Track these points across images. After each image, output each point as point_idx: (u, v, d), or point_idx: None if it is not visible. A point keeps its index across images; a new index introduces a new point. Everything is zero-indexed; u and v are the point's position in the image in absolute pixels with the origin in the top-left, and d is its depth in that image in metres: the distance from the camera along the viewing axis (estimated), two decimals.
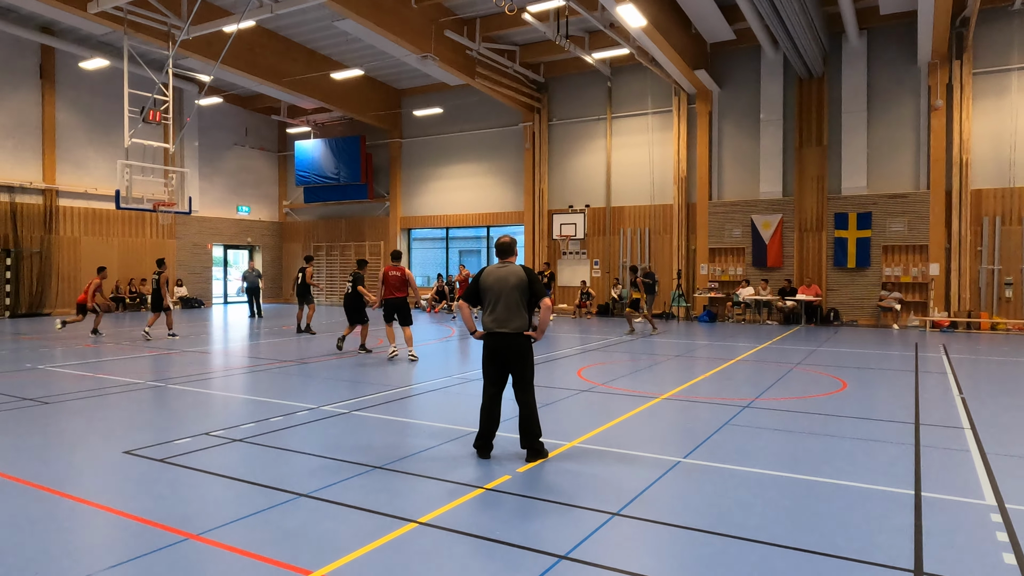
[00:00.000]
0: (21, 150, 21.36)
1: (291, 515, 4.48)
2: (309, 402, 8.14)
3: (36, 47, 21.49)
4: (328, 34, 21.14)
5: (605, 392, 8.93)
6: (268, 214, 30.13)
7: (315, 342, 14.74)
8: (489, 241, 26.32)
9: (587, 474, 5.43)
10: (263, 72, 21.42)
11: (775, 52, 19.52)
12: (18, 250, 21.11)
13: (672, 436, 6.83)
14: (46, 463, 5.70)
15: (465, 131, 25.66)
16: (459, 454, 5.99)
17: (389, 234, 27.61)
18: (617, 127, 22.70)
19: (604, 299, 22.89)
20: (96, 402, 8.33)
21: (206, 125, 26.77)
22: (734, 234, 20.80)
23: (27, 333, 16.41)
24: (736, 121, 20.80)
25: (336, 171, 27.54)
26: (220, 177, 27.81)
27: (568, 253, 23.65)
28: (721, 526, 4.32)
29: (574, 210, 23.21)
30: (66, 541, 4.15)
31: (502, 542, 4.05)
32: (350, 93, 24.65)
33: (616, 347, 14.02)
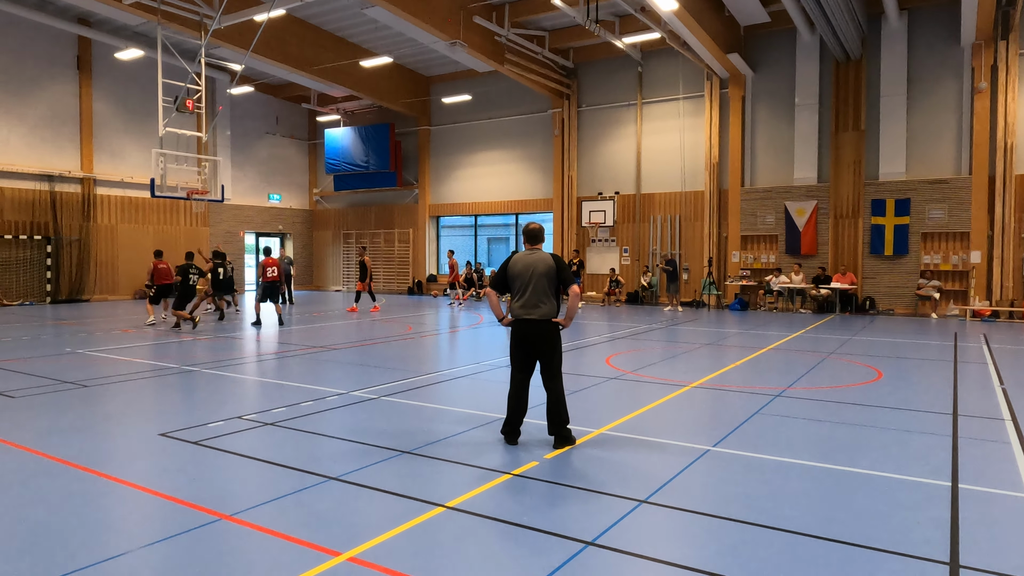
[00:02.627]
0: (60, 140, 21.85)
1: (321, 497, 4.54)
2: (339, 387, 8.23)
3: (73, 38, 21.91)
4: (357, 21, 21.18)
5: (634, 380, 8.88)
6: (299, 202, 30.45)
7: (344, 328, 14.88)
8: (518, 229, 26.26)
9: (615, 461, 5.40)
10: (293, 61, 21.57)
11: (811, 34, 19.06)
12: (58, 238, 21.66)
13: (701, 424, 6.76)
14: (85, 444, 5.85)
15: (494, 118, 25.57)
16: (487, 440, 6.01)
17: (418, 221, 27.72)
18: (647, 113, 22.42)
19: (633, 287, 22.73)
20: (133, 385, 8.53)
21: (238, 114, 27.08)
22: (767, 221, 20.46)
23: (67, 318, 16.85)
24: (770, 106, 20.40)
25: (365, 159, 27.68)
26: (252, 165, 28.15)
27: (597, 240, 23.50)
28: (750, 515, 4.26)
29: (603, 197, 23.04)
30: (104, 519, 4.26)
31: (529, 527, 4.05)
32: (379, 81, 24.71)
33: (645, 335, 13.92)
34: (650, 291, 22.27)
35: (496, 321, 16.45)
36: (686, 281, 21.74)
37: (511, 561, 3.67)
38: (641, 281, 22.43)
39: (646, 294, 22.30)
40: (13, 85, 20.64)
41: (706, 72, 20.84)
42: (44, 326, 15.15)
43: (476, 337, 13.97)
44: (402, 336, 13.63)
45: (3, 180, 20.51)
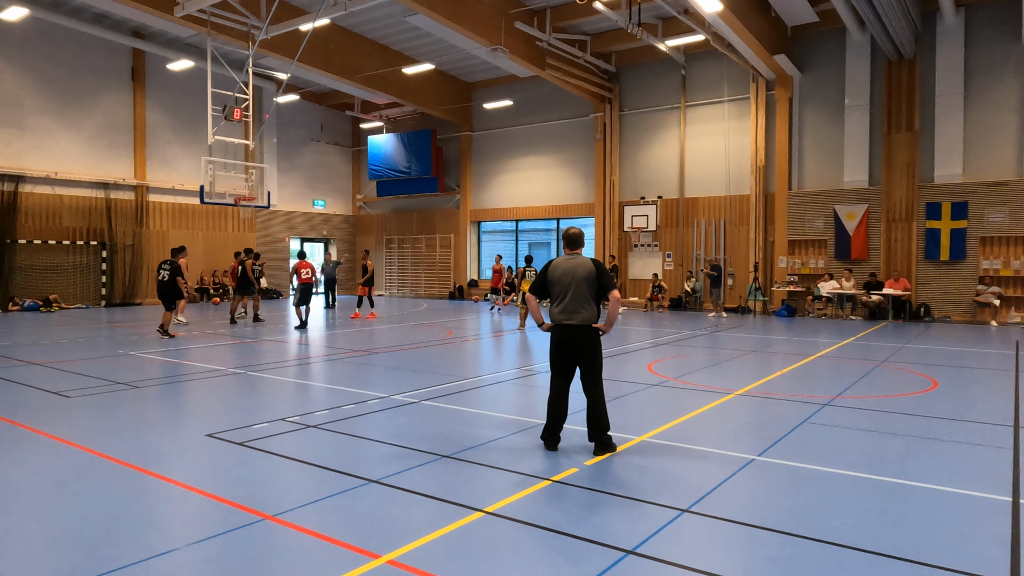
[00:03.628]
0: (115, 148, 22.65)
1: (361, 500, 4.57)
2: (380, 391, 8.30)
3: (128, 51, 22.71)
4: (400, 29, 21.45)
5: (676, 387, 8.74)
6: (342, 207, 30.95)
7: (385, 332, 15.03)
8: (559, 233, 26.18)
9: (656, 469, 5.31)
10: (338, 69, 21.95)
11: (862, 34, 18.57)
12: (112, 243, 22.43)
13: (746, 433, 6.61)
14: (136, 443, 6.02)
15: (535, 123, 25.59)
16: (526, 445, 5.98)
17: (459, 227, 27.88)
18: (691, 116, 22.14)
19: (677, 292, 22.44)
20: (181, 387, 8.76)
21: (284, 122, 27.68)
22: (815, 225, 19.97)
23: (120, 321, 17.41)
24: (818, 107, 19.92)
25: (408, 165, 27.99)
26: (297, 172, 28.73)
27: (639, 245, 23.27)
28: (797, 527, 4.14)
29: (646, 201, 22.82)
30: (153, 517, 4.37)
31: (568, 534, 4.01)
32: (421, 87, 24.97)
33: (689, 341, 13.71)
34: (694, 297, 21.95)
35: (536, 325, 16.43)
36: (731, 287, 21.36)
37: (550, 568, 3.63)
38: (684, 286, 22.12)
39: (689, 300, 21.99)
40: (71, 96, 21.48)
41: (752, 74, 20.49)
42: (98, 329, 15.68)
43: (516, 342, 13.95)
44: (442, 341, 13.70)
45: (62, 188, 21.35)
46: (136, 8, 17.06)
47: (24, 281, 20.45)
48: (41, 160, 20.85)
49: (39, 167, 20.75)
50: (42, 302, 20.55)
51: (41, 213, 20.88)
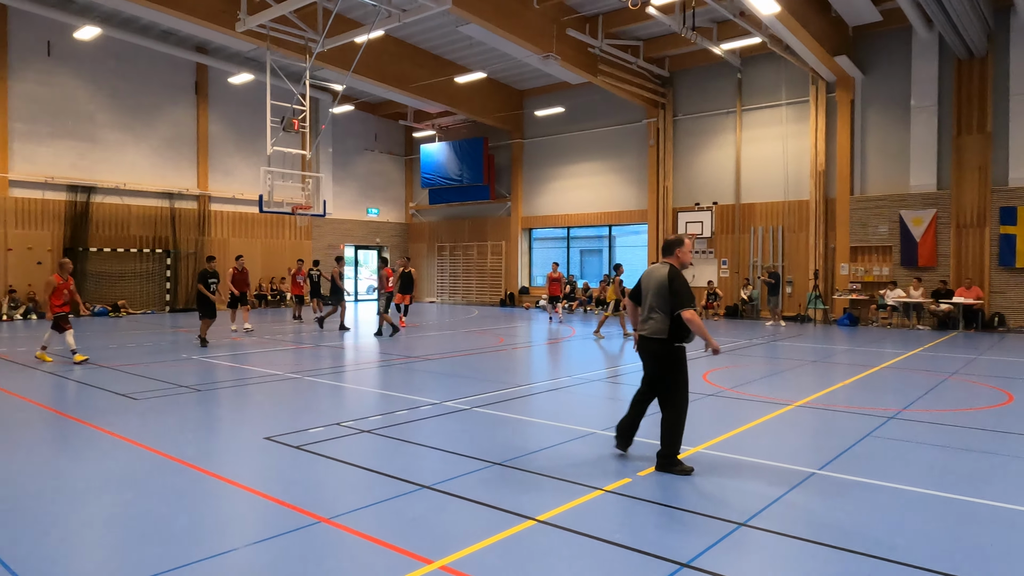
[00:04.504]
0: (179, 160, 23.55)
1: (414, 505, 4.60)
2: (432, 397, 8.36)
3: (192, 66, 23.60)
4: (452, 39, 21.69)
5: (733, 397, 8.54)
6: (395, 215, 31.41)
7: (440, 340, 15.14)
8: (611, 240, 25.98)
9: (712, 481, 5.19)
10: (391, 79, 22.33)
11: (928, 32, 17.88)
12: (176, 251, 23.29)
13: (806, 446, 6.40)
14: (198, 445, 6.21)
15: (587, 129, 25.49)
16: (578, 454, 5.92)
17: (510, 234, 27.96)
18: (748, 120, 21.69)
19: (732, 300, 21.97)
20: (241, 391, 9.00)
21: (339, 132, 28.30)
22: (879, 231, 19.27)
23: (183, 326, 18.03)
24: (882, 109, 19.26)
25: (459, 173, 28.24)
26: (352, 181, 29.31)
27: (694, 252, 22.86)
28: (857, 543, 3.98)
29: (700, 207, 22.44)
30: (214, 516, 4.49)
31: (621, 545, 3.94)
32: (473, 96, 25.19)
33: (746, 350, 13.39)
34: (750, 305, 21.46)
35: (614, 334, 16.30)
36: (789, 294, 20.79)
37: None
38: (741, 294, 21.64)
39: (746, 308, 21.50)
40: (140, 111, 22.44)
41: (811, 76, 19.96)
42: (163, 333, 16.26)
43: (568, 350, 13.88)
44: (494, 348, 13.73)
45: (130, 198, 22.29)
46: (200, 24, 17.73)
47: (95, 287, 21.40)
48: (111, 172, 21.82)
49: (109, 178, 21.72)
50: (111, 307, 21.47)
51: (111, 222, 21.84)
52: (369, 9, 17.98)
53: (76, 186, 20.95)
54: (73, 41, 20.48)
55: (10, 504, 4.63)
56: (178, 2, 16.75)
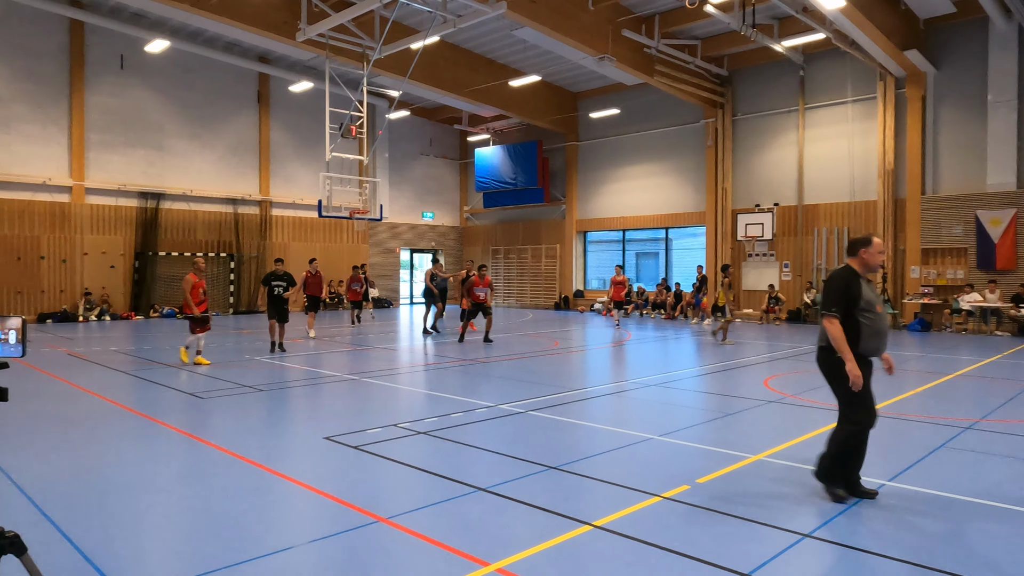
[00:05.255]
0: (242, 167, 24.33)
1: (470, 507, 4.59)
2: (487, 400, 8.35)
3: (255, 75, 24.36)
4: (507, 43, 21.77)
5: (795, 404, 8.26)
6: (450, 219, 31.69)
7: (494, 343, 15.16)
8: (668, 243, 25.57)
9: (774, 490, 5.02)
10: (446, 84, 22.56)
11: (1007, 23, 16.99)
12: (239, 255, 24.04)
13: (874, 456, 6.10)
14: (261, 443, 6.35)
15: (643, 131, 25.19)
16: (635, 460, 5.82)
17: (565, 237, 27.85)
18: (811, 119, 21.05)
19: (795, 304, 21.32)
20: (301, 391, 9.19)
21: (395, 137, 28.74)
22: (954, 232, 18.39)
23: (246, 328, 18.57)
24: (956, 105, 18.40)
25: (514, 176, 28.30)
26: (407, 185, 29.72)
27: (754, 255, 22.33)
28: (933, 560, 3.77)
29: (761, 209, 21.87)
30: (276, 514, 4.58)
31: (681, 553, 3.84)
32: (527, 99, 25.21)
33: (809, 355, 12.95)
34: (814, 309, 20.77)
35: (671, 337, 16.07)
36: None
37: None
38: (804, 298, 20.98)
39: (809, 312, 20.83)
40: (206, 120, 23.28)
41: (879, 72, 19.23)
42: (227, 335, 16.78)
43: (624, 354, 13.70)
44: (548, 351, 13.67)
45: (196, 204, 23.13)
46: (262, 35, 18.31)
47: (163, 290, 22.28)
48: (179, 179, 22.68)
49: (177, 185, 22.59)
50: (178, 309, 22.27)
51: (178, 227, 22.70)
52: (425, 16, 18.20)
53: (146, 193, 21.86)
54: (144, 55, 21.41)
55: (87, 497, 4.82)
56: (242, 14, 17.34)
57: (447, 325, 18.44)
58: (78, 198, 20.61)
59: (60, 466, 5.56)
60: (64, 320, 19.89)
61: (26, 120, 19.70)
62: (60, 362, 11.48)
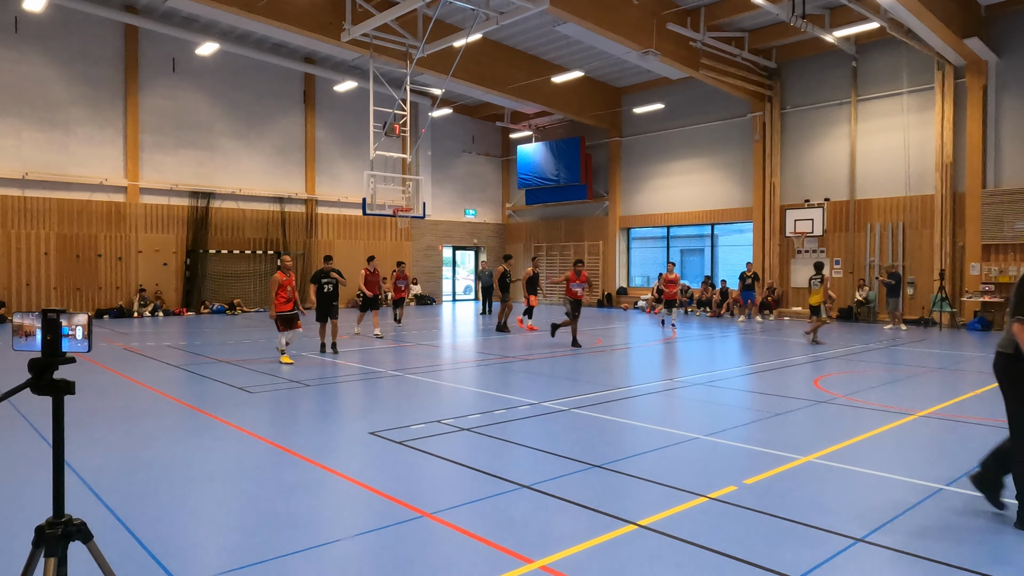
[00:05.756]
0: (289, 166, 24.80)
1: (514, 504, 4.58)
2: (530, 397, 8.34)
3: (300, 76, 24.80)
4: (549, 39, 21.69)
5: (847, 404, 8.02)
6: (492, 216, 31.76)
7: (537, 340, 15.14)
8: (714, 239, 25.14)
9: (824, 493, 4.88)
10: (489, 81, 22.59)
11: None
12: (286, 253, 24.51)
13: (932, 459, 5.91)
14: (308, 437, 6.46)
15: (687, 126, 24.81)
16: (680, 459, 5.73)
17: (608, 233, 27.63)
18: (863, 111, 20.42)
19: (846, 302, 20.74)
20: (346, 387, 9.31)
21: (438, 135, 28.92)
22: (1016, 227, 17.61)
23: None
24: (1020, 94, 17.60)
25: (556, 173, 28.20)
26: (450, 183, 29.89)
27: (803, 251, 21.79)
28: (995, 567, 3.60)
29: (811, 204, 21.33)
30: (322, 507, 4.64)
31: (728, 555, 3.76)
32: (570, 95, 25.08)
33: (861, 355, 12.59)
34: (867, 307, 20.18)
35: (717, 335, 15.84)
36: (911, 296, 19.40)
37: None
38: (856, 296, 20.38)
39: (861, 310, 20.23)
40: (254, 120, 23.80)
41: (936, 61, 18.54)
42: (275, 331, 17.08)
43: (668, 352, 13.52)
44: (592, 349, 13.58)
45: (245, 203, 23.67)
46: (308, 36, 18.63)
47: (213, 287, 22.88)
48: (228, 178, 23.25)
49: (226, 184, 23.15)
50: (227, 306, 22.87)
51: (227, 226, 23.27)
52: (467, 13, 18.26)
53: (197, 192, 22.46)
54: (195, 57, 21.99)
55: (143, 487, 4.98)
56: (288, 15, 17.67)
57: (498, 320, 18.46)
58: (133, 198, 21.29)
59: (119, 457, 5.75)
60: (120, 316, 20.60)
61: (84, 123, 20.43)
62: (117, 357, 11.88)
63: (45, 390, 2.10)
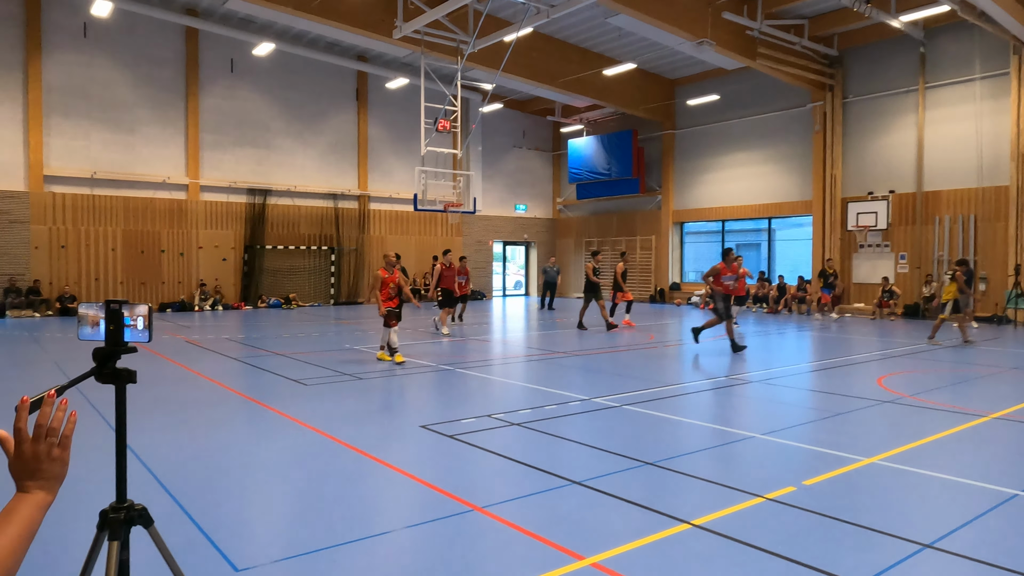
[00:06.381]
0: (342, 163, 25.22)
1: (564, 500, 4.52)
2: (581, 393, 8.26)
3: (353, 73, 25.17)
4: (601, 32, 21.44)
5: (913, 405, 7.68)
6: (543, 211, 31.66)
7: (588, 336, 15.03)
8: (771, 234, 24.49)
9: (889, 496, 4.67)
10: (540, 76, 22.48)
11: None
12: (339, 248, 24.97)
13: (1006, 463, 5.59)
14: (360, 429, 6.54)
15: (744, 117, 24.20)
16: (736, 458, 5.59)
17: (661, 228, 27.22)
18: (932, 98, 19.53)
19: (912, 298, 19.92)
20: (398, 380, 9.41)
21: (488, 130, 28.96)
22: None
23: (346, 318, 19.26)
24: None
25: (608, 167, 27.90)
26: (500, 177, 29.91)
27: (866, 246, 21.01)
28: None
29: (875, 197, 20.54)
30: (374, 498, 4.68)
31: (786, 558, 3.62)
32: (622, 88, 24.77)
33: (928, 353, 12.07)
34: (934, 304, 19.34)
35: (774, 332, 15.45)
36: (984, 293, 18.49)
37: None
38: (923, 291, 19.55)
39: (928, 307, 19.41)
40: (308, 118, 24.28)
41: (1012, 45, 17.58)
42: (328, 325, 17.46)
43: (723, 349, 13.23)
44: (644, 345, 13.39)
45: (300, 200, 24.18)
46: (361, 34, 18.88)
47: (270, 281, 23.48)
48: (284, 176, 23.79)
49: (282, 182, 23.69)
50: (283, 300, 23.43)
51: (283, 222, 23.82)
52: (518, 7, 18.20)
53: (254, 189, 23.06)
54: (252, 58, 22.56)
55: (203, 475, 5.12)
56: (341, 14, 17.94)
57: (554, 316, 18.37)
58: (194, 195, 21.99)
59: (179, 445, 5.92)
60: (182, 309, 21.32)
61: (148, 123, 21.20)
62: (179, 349, 12.29)
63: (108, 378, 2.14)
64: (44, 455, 1.36)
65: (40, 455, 1.35)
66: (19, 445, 1.35)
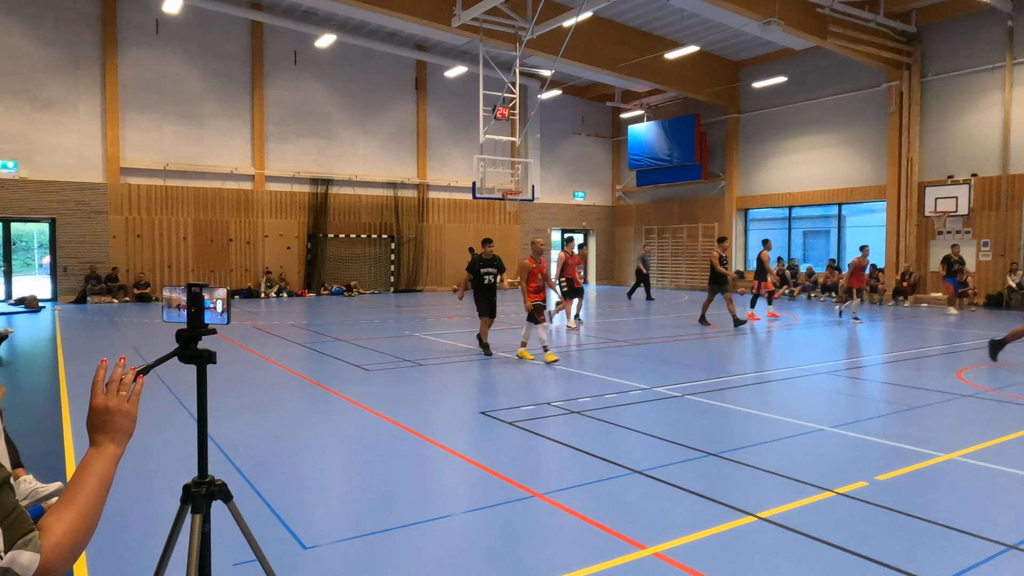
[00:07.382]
0: (401, 152, 25.51)
1: (626, 489, 4.47)
2: (642, 382, 8.15)
3: (412, 63, 25.38)
4: (662, 14, 20.96)
5: (995, 399, 7.28)
6: (602, 198, 31.32)
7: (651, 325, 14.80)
8: (840, 220, 23.54)
9: (969, 494, 4.44)
10: (599, 61, 22.16)
11: None
12: (399, 236, 25.32)
13: None
14: (421, 414, 6.62)
15: (812, 99, 23.29)
16: (804, 451, 5.41)
17: (724, 215, 26.55)
18: (1020, 76, 18.34)
19: (995, 287, 18.86)
20: (457, 366, 9.48)
21: (547, 117, 28.77)
22: None
23: (405, 306, 19.53)
24: None
25: (669, 152, 27.35)
26: (558, 165, 29.71)
27: (945, 232, 19.98)
28: None
29: (955, 181, 19.49)
30: (435, 482, 4.73)
31: (858, 554, 3.48)
32: (684, 71, 24.19)
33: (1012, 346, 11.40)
34: (1019, 293, 18.27)
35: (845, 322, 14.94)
36: None
37: None
38: (1008, 281, 18.47)
39: (1013, 297, 18.33)
40: (368, 108, 24.63)
41: None
42: (388, 312, 17.74)
43: (789, 339, 12.85)
44: (706, 334, 13.12)
45: (361, 189, 24.60)
46: (420, 23, 19.00)
47: (332, 269, 24.02)
48: (345, 165, 24.24)
49: (343, 171, 24.15)
50: (345, 287, 23.94)
51: (344, 211, 24.31)
52: None
53: (317, 179, 23.59)
54: (314, 49, 23.01)
55: (271, 455, 5.27)
56: (401, 4, 18.09)
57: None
58: (259, 185, 22.65)
59: (249, 426, 6.12)
60: (249, 296, 22.04)
61: (216, 116, 21.91)
62: (247, 334, 12.70)
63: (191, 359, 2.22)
64: (115, 408, 1.51)
65: (111, 408, 1.50)
66: (94, 398, 1.51)
